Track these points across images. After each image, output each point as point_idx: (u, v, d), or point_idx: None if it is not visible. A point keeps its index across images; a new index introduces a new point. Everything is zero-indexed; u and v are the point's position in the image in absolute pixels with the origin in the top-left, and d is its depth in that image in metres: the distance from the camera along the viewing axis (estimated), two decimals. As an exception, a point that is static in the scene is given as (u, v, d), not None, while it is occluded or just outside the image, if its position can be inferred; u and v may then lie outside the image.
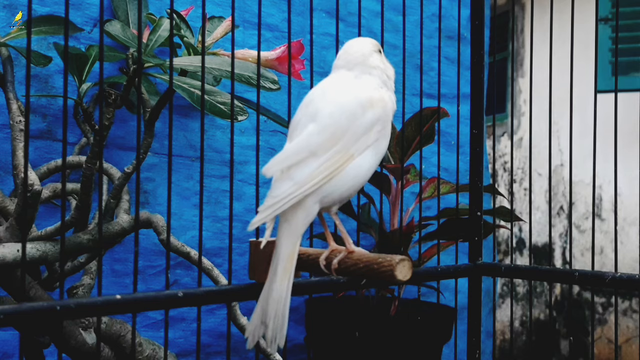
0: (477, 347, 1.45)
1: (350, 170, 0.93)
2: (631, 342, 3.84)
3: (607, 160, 1.33)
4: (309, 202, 0.92)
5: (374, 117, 0.95)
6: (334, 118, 0.94)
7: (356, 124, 0.94)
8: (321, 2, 2.10)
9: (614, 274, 1.23)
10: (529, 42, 1.35)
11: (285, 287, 0.91)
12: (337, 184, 0.93)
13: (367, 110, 0.95)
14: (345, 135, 0.93)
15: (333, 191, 0.93)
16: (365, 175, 0.95)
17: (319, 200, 0.93)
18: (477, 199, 1.47)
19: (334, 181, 0.92)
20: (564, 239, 4.30)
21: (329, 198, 0.93)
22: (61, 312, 0.86)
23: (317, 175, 0.91)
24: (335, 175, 0.92)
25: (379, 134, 0.96)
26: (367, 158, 0.95)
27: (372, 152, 0.95)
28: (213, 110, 1.24)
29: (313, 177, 0.91)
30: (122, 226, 1.31)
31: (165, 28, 1.39)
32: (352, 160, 0.93)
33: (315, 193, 0.92)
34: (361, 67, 1.01)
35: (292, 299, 0.92)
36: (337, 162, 0.92)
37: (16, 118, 1.29)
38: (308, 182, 0.90)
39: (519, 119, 4.60)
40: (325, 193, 0.92)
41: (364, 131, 0.94)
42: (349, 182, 0.93)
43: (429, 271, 1.37)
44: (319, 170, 0.91)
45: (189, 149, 1.84)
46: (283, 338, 0.91)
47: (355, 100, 0.96)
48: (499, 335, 4.49)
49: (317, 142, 0.92)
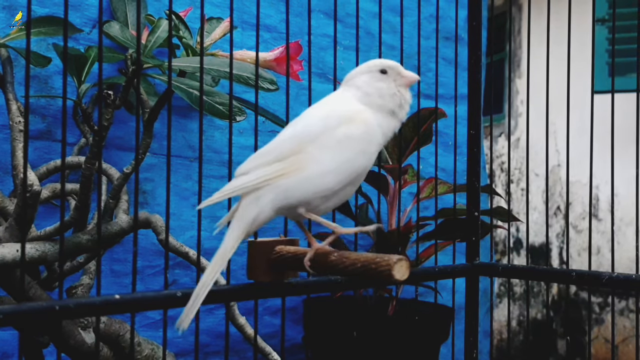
0: (474, 347, 1.46)
1: (308, 175, 0.92)
2: (628, 341, 3.85)
3: (604, 160, 1.33)
4: (263, 199, 0.93)
5: (348, 133, 0.94)
6: (307, 126, 0.96)
7: (327, 135, 0.94)
8: (319, 3, 2.11)
9: (610, 274, 1.24)
10: (526, 43, 1.35)
11: (212, 274, 0.92)
12: (291, 184, 0.92)
13: (344, 125, 0.94)
14: (312, 144, 0.93)
15: (286, 190, 0.92)
16: (325, 185, 0.93)
17: (273, 199, 0.93)
18: (475, 199, 1.47)
19: (287, 181, 0.92)
20: (561, 239, 4.30)
21: (285, 199, 0.93)
22: (60, 312, 0.87)
23: (273, 172, 0.93)
24: (289, 175, 0.92)
25: (350, 151, 0.94)
26: (327, 167, 0.93)
27: (336, 165, 0.93)
28: (212, 111, 1.24)
29: (269, 174, 0.93)
30: (121, 226, 1.31)
31: (164, 29, 1.39)
32: (311, 166, 0.92)
33: (270, 190, 0.93)
34: (345, 85, 1.03)
35: (290, 298, 0.93)
36: (295, 164, 0.93)
37: (16, 118, 1.30)
38: (262, 177, 0.93)
39: (516, 119, 4.61)
40: (280, 191, 0.93)
41: (334, 144, 0.93)
42: (304, 186, 0.92)
43: (426, 271, 1.38)
44: (276, 169, 0.93)
45: (188, 150, 1.84)
46: (188, 323, 0.91)
47: (330, 113, 0.97)
48: (497, 335, 4.50)
49: (280, 148, 0.95)
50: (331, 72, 2.08)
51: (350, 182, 0.95)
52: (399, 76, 1.01)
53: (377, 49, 2.18)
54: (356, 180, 0.97)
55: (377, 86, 0.99)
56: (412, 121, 1.85)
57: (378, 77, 1.00)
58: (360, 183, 1.01)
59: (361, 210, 2.04)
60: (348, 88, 1.01)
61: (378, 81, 0.99)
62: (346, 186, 0.95)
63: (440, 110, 1.82)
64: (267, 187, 0.93)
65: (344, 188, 0.95)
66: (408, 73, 1.02)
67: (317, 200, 0.94)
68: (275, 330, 1.90)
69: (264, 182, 0.93)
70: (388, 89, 0.99)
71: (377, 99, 0.98)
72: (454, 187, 1.52)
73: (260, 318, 1.92)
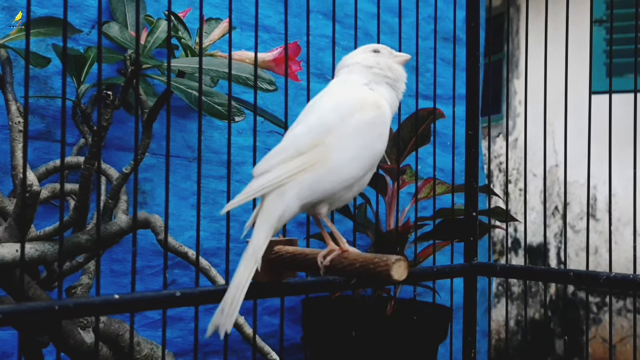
0: (472, 347, 1.46)
1: (332, 166, 0.93)
2: (625, 341, 3.86)
3: (602, 160, 1.34)
4: (287, 195, 0.93)
5: (364, 119, 0.95)
6: (322, 118, 0.96)
7: (344, 124, 0.95)
8: (318, 4, 2.11)
9: (608, 274, 1.24)
10: (524, 43, 1.35)
11: (246, 274, 0.92)
12: (316, 177, 0.93)
13: (356, 112, 0.96)
14: (330, 135, 0.94)
15: (311, 184, 0.93)
16: (350, 174, 0.94)
17: (298, 194, 0.93)
18: (473, 199, 1.48)
19: (312, 174, 0.93)
20: (558, 239, 4.31)
21: (311, 193, 0.93)
22: (60, 312, 0.87)
23: (295, 168, 0.93)
24: (313, 169, 0.93)
25: (369, 136, 0.96)
26: (350, 155, 0.94)
27: (358, 152, 0.94)
28: (211, 111, 1.24)
29: (292, 170, 0.93)
30: (120, 226, 1.32)
31: (163, 30, 1.40)
32: (334, 156, 0.93)
33: (294, 186, 0.93)
34: (345, 68, 1.04)
35: (288, 298, 0.93)
36: (316, 157, 0.93)
37: (15, 119, 1.30)
38: (286, 173, 0.93)
39: (514, 120, 4.61)
40: (304, 186, 0.93)
41: (352, 131, 0.94)
42: (330, 177, 0.93)
43: (424, 271, 1.38)
44: (299, 164, 0.93)
45: (187, 150, 1.85)
46: (231, 325, 0.91)
47: (342, 102, 0.98)
48: (494, 334, 4.51)
49: (299, 143, 0.94)
50: (329, 72, 2.08)
51: (370, 167, 0.97)
52: (391, 55, 1.05)
53: (375, 50, 2.18)
54: (375, 165, 0.98)
55: (375, 60, 1.03)
56: (411, 122, 1.86)
57: (373, 55, 1.04)
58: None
59: (360, 211, 2.04)
60: (349, 71, 1.03)
61: (374, 57, 1.03)
62: (367, 172, 0.97)
63: (438, 111, 1.83)
64: (291, 183, 0.93)
65: (364, 175, 0.97)
66: (400, 53, 1.06)
67: (342, 191, 0.95)
68: (274, 330, 1.90)
69: (288, 178, 0.93)
70: (385, 62, 1.03)
71: (377, 70, 1.02)
72: (452, 187, 1.53)
73: (259, 318, 1.92)
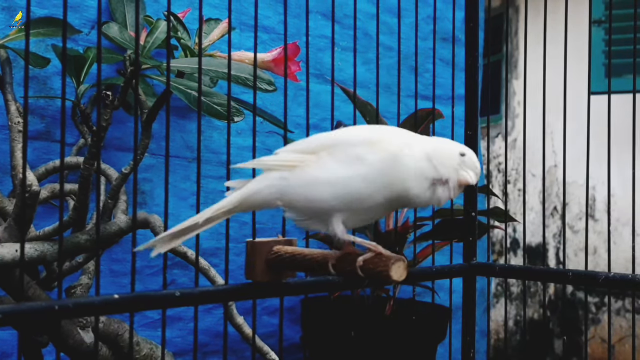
0: (471, 347, 1.46)
1: (303, 177, 0.91)
2: (624, 341, 3.87)
3: (601, 161, 1.34)
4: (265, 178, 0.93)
5: (361, 154, 0.90)
6: (337, 134, 0.96)
7: (343, 147, 0.91)
8: (317, 4, 2.11)
9: (607, 274, 1.24)
10: (523, 44, 1.36)
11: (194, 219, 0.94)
12: (293, 181, 0.91)
13: (364, 146, 0.91)
14: (326, 150, 0.92)
15: (287, 185, 0.91)
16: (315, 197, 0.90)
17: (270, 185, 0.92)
18: (472, 199, 1.48)
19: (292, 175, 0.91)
20: (557, 239, 4.32)
21: (277, 191, 0.92)
22: (59, 312, 0.87)
23: (286, 161, 0.93)
24: (296, 170, 0.91)
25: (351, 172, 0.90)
26: (326, 177, 0.90)
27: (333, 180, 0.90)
28: (210, 112, 1.25)
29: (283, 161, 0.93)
30: (119, 226, 1.32)
31: (162, 30, 1.40)
32: (314, 170, 0.91)
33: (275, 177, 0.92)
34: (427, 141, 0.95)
35: (288, 298, 0.93)
36: (305, 162, 0.92)
37: (15, 119, 1.30)
38: (278, 161, 0.93)
39: (513, 120, 4.62)
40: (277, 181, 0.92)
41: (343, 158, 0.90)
42: (301, 186, 0.91)
43: (424, 271, 1.39)
44: (289, 159, 0.93)
45: (186, 150, 1.85)
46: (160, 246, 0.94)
47: (364, 130, 0.97)
48: (493, 334, 4.51)
49: (311, 144, 0.95)
50: (329, 73, 2.08)
51: (344, 205, 0.90)
52: (467, 170, 0.94)
53: (374, 50, 2.18)
54: (351, 206, 0.91)
55: (442, 162, 0.92)
56: (410, 122, 1.86)
57: (457, 159, 0.93)
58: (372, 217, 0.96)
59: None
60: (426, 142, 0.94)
61: (447, 160, 0.93)
62: (340, 208, 0.90)
63: (437, 111, 1.83)
64: (276, 172, 0.93)
65: (340, 210, 0.90)
66: (472, 176, 0.94)
67: (306, 210, 0.91)
68: (273, 330, 1.90)
69: (278, 165, 0.93)
70: (451, 168, 0.92)
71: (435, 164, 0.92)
72: (451, 187, 1.53)
73: (258, 318, 1.93)
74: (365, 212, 0.93)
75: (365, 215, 0.94)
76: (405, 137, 0.94)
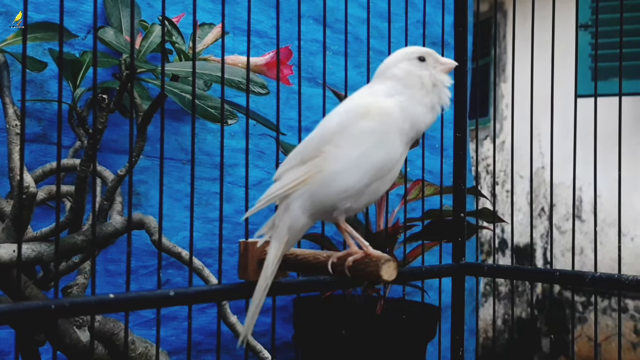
0: (460, 345, 1.48)
1: (327, 177, 0.92)
2: (610, 340, 3.91)
3: (587, 162, 1.35)
4: (293, 206, 0.94)
5: (363, 127, 0.92)
6: (324, 127, 0.96)
7: (344, 133, 0.93)
8: (309, 9, 2.13)
9: (593, 274, 1.25)
10: (511, 48, 1.38)
11: (262, 287, 0.95)
12: (314, 189, 0.92)
13: (360, 120, 0.93)
14: (329, 144, 0.93)
15: (311, 196, 0.92)
16: (346, 185, 0.91)
17: (302, 206, 0.93)
18: (461, 200, 1.50)
19: (310, 185, 0.92)
20: (545, 239, 4.35)
21: (312, 205, 0.93)
22: (56, 311, 0.88)
23: (297, 179, 0.93)
24: (312, 179, 0.92)
25: (367, 144, 0.92)
26: (345, 165, 0.91)
27: (354, 161, 0.91)
28: (204, 115, 1.26)
29: (293, 180, 0.93)
30: (115, 227, 1.33)
31: (157, 34, 1.41)
32: (329, 166, 0.92)
33: (297, 197, 0.93)
34: (379, 77, 0.99)
35: (280, 297, 0.95)
36: (315, 167, 0.93)
37: (12, 122, 1.31)
38: (288, 184, 0.93)
39: (501, 122, 4.65)
40: (306, 197, 0.93)
41: (349, 140, 0.92)
42: (325, 189, 0.92)
43: (413, 271, 1.40)
44: (299, 175, 0.93)
45: (181, 152, 1.86)
46: (247, 333, 0.98)
47: (348, 109, 0.95)
48: (482, 333, 4.54)
49: (305, 150, 0.95)
50: (321, 76, 2.10)
51: (373, 177, 0.92)
52: (437, 63, 0.98)
53: (365, 54, 2.21)
54: (381, 175, 0.93)
55: (418, 75, 0.96)
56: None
57: (417, 66, 0.97)
58: (392, 177, 0.97)
59: (350, 212, 2.05)
60: (383, 80, 0.97)
61: (419, 69, 0.96)
62: (372, 182, 0.92)
63: (427, 114, 1.85)
64: (295, 194, 0.93)
65: (369, 185, 0.92)
66: (446, 59, 0.99)
67: (345, 201, 0.92)
68: (266, 329, 1.92)
69: (292, 188, 0.93)
70: (429, 78, 0.96)
71: (418, 92, 0.96)
72: (440, 188, 1.55)
73: (250, 317, 1.94)
74: (392, 170, 0.95)
75: (391, 174, 0.96)
76: (376, 91, 0.96)
